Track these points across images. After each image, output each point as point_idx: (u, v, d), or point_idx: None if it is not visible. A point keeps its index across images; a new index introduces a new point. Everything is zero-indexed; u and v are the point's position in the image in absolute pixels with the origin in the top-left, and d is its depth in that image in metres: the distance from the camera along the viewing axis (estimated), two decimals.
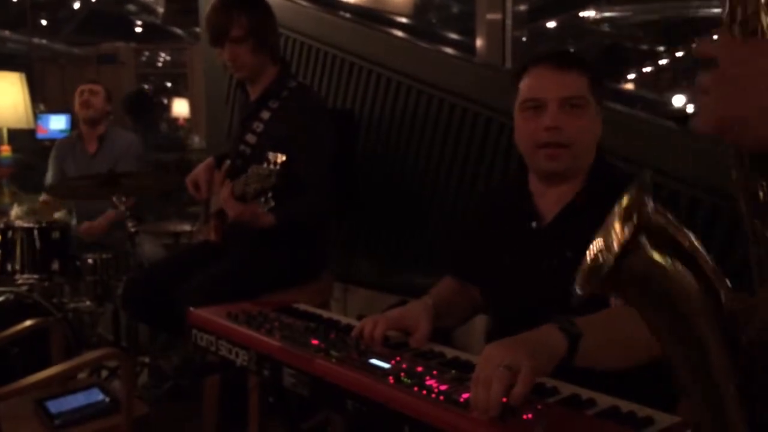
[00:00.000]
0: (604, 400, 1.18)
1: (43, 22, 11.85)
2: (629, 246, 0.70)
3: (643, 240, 0.71)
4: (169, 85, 12.61)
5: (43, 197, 3.90)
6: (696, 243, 0.74)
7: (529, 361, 1.10)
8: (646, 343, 1.28)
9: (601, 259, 0.74)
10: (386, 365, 1.31)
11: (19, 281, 3.09)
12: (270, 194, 2.01)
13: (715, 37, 0.75)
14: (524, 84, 1.59)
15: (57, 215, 3.84)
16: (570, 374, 1.23)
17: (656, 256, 0.71)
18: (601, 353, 1.25)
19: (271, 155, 1.97)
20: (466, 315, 1.79)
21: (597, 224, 1.48)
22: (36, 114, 6.33)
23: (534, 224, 1.62)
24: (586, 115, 1.54)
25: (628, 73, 8.70)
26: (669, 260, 0.72)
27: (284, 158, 1.95)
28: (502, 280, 1.68)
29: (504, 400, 1.07)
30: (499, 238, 1.71)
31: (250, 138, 2.51)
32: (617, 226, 0.74)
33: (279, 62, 2.57)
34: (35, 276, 3.12)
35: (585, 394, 1.21)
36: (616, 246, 0.71)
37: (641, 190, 0.73)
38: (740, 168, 0.77)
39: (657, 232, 0.72)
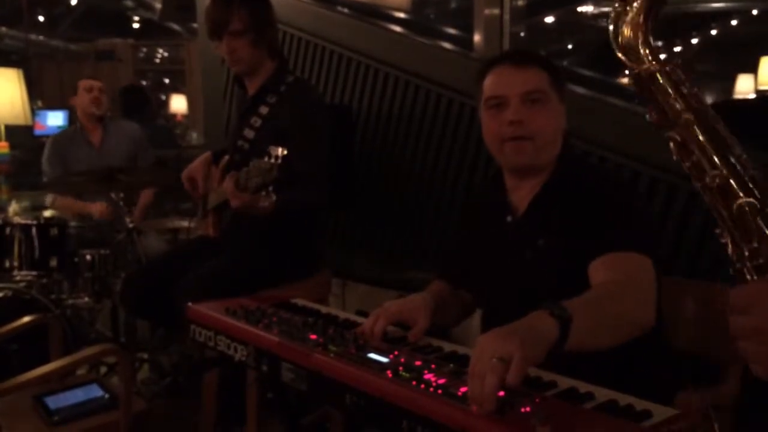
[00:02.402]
0: (602, 393, 1.18)
1: (40, 19, 11.82)
2: None
3: None
4: (166, 81, 12.60)
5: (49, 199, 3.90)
6: None
7: (521, 350, 1.10)
8: (634, 316, 1.36)
9: None
10: (384, 359, 1.31)
11: (18, 278, 3.09)
12: (271, 188, 2.01)
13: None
14: (486, 83, 1.65)
15: (48, 213, 3.83)
16: (566, 363, 1.24)
17: None
18: (591, 333, 1.27)
19: (272, 149, 1.96)
20: (458, 316, 1.84)
21: (565, 212, 1.55)
22: (33, 110, 6.32)
23: (509, 218, 1.68)
24: (547, 109, 1.59)
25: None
26: None
27: (285, 152, 1.95)
28: (488, 276, 1.74)
29: (501, 393, 1.07)
30: (482, 236, 1.78)
31: (248, 133, 2.51)
32: None
33: (277, 57, 2.57)
34: (33, 272, 3.12)
35: (583, 387, 1.21)
36: None
37: None
38: None
39: None
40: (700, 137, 0.82)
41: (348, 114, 3.18)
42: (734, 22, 9.60)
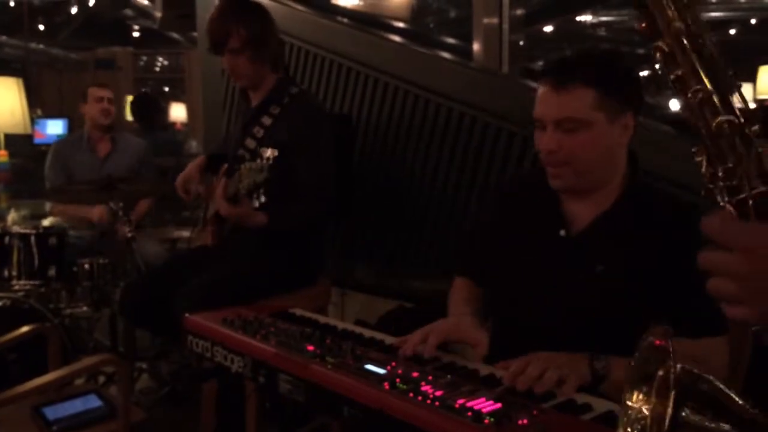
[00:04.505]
0: (601, 405, 1.18)
1: (40, 27, 11.85)
2: (675, 423, 0.70)
3: (687, 412, 0.71)
4: (166, 89, 12.63)
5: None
6: (723, 388, 0.74)
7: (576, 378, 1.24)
8: None
9: None
10: (382, 371, 1.31)
11: (16, 287, 3.09)
12: (262, 190, 2.01)
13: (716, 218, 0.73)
14: (536, 99, 1.53)
15: (47, 222, 3.84)
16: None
17: (698, 421, 0.71)
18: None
19: (263, 150, 1.98)
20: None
21: (630, 240, 1.45)
22: (33, 119, 6.33)
23: (562, 232, 1.54)
24: (588, 134, 1.46)
25: None
26: (710, 422, 0.72)
27: (276, 153, 1.95)
28: (520, 285, 1.60)
29: (499, 405, 1.07)
30: (519, 239, 1.63)
31: (250, 143, 2.52)
32: (650, 396, 0.73)
33: (281, 69, 2.57)
34: (32, 282, 3.12)
35: (581, 398, 1.21)
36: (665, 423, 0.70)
37: (666, 356, 0.73)
38: None
39: (695, 398, 0.72)
40: (688, 49, 0.79)
41: (348, 123, 3.18)
42: (732, 32, 9.63)
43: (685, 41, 0.79)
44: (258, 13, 2.51)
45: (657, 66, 0.82)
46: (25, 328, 2.36)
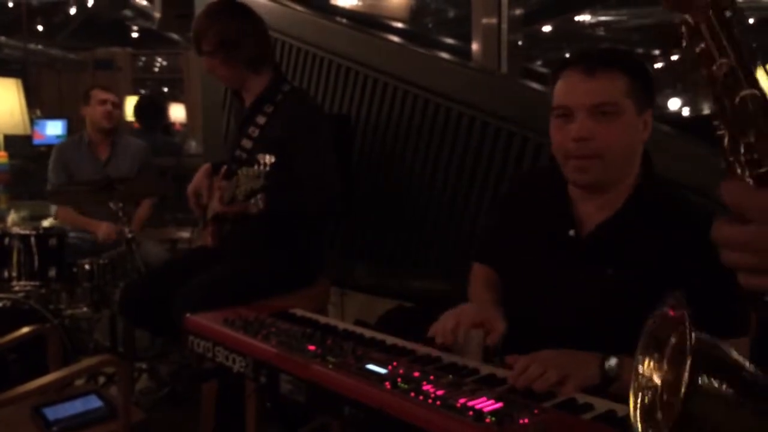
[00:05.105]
0: (601, 404, 1.18)
1: (39, 28, 11.85)
2: (691, 389, 0.69)
3: (703, 378, 0.71)
4: (165, 90, 12.63)
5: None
6: (737, 356, 0.74)
7: (576, 380, 1.25)
8: None
9: (661, 404, 0.73)
10: (383, 371, 1.31)
11: (16, 288, 3.09)
12: (259, 196, 2.02)
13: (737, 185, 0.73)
14: (556, 89, 1.50)
15: (47, 223, 3.84)
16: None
17: (713, 386, 0.71)
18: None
19: (260, 157, 1.98)
20: None
21: (640, 242, 1.42)
22: (32, 120, 6.32)
23: (572, 232, 1.52)
24: (620, 122, 1.42)
25: None
26: (722, 386, 0.72)
27: (273, 159, 1.96)
28: (527, 284, 1.59)
29: (500, 405, 1.08)
30: (527, 237, 1.62)
31: (246, 143, 2.52)
32: (662, 363, 0.73)
33: (271, 69, 2.57)
34: (32, 283, 3.12)
35: (581, 398, 1.21)
36: (681, 390, 0.69)
37: (683, 324, 0.73)
38: None
39: (709, 364, 0.72)
40: (714, 22, 0.78)
41: (346, 123, 3.19)
42: None
43: (712, 14, 0.78)
44: (233, 15, 2.49)
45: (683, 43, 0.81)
46: (25, 329, 2.36)
